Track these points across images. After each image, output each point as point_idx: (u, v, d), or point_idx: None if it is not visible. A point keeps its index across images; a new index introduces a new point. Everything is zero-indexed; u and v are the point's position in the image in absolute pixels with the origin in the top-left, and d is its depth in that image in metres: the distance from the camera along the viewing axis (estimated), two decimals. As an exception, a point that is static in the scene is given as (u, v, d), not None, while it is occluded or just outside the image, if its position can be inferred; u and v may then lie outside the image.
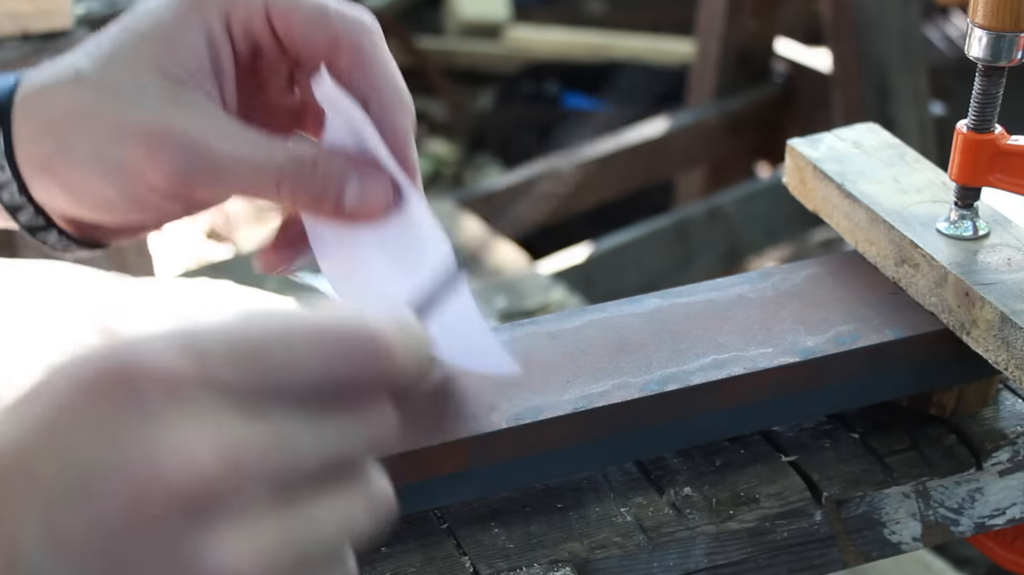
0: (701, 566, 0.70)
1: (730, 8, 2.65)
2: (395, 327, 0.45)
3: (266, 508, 0.42)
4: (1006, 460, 0.75)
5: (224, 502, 0.41)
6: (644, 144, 2.63)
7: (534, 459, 0.68)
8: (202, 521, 0.40)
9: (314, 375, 0.44)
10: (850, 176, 0.82)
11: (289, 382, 0.43)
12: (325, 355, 0.44)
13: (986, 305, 0.71)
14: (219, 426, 0.41)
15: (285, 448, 0.43)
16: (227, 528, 0.41)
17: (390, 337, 0.45)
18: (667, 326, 0.75)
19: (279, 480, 0.42)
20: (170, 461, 0.40)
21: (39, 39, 1.40)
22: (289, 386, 0.43)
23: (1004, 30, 0.72)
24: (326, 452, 0.44)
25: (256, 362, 0.43)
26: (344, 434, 0.45)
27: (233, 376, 0.42)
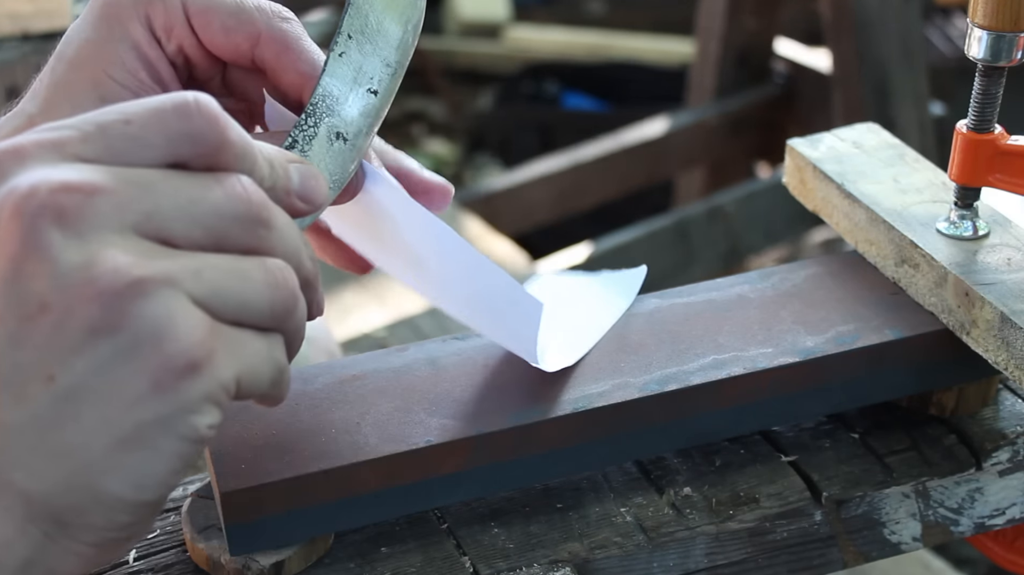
0: (701, 566, 0.70)
1: (730, 8, 2.66)
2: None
3: (135, 237, 0.47)
4: (1006, 460, 0.75)
5: (77, 215, 0.45)
6: (644, 144, 2.63)
7: (534, 459, 0.68)
8: (72, 226, 0.45)
9: (153, 133, 0.48)
10: (850, 176, 0.82)
11: (132, 142, 0.48)
12: (165, 124, 0.49)
13: (986, 305, 0.71)
14: (60, 168, 0.47)
15: (140, 187, 0.47)
16: (99, 240, 0.46)
17: (223, 116, 0.50)
18: (667, 326, 0.75)
19: (141, 214, 0.47)
20: (15, 192, 0.46)
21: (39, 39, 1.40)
22: (132, 146, 0.48)
23: (1004, 30, 0.72)
24: (188, 198, 0.48)
25: (100, 133, 0.48)
26: (202, 186, 0.49)
27: (81, 144, 0.47)
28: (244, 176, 0.50)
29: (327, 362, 0.72)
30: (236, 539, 0.63)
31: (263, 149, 0.52)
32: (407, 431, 0.66)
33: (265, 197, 0.50)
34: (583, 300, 0.76)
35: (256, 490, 0.62)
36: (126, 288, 0.45)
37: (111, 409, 0.46)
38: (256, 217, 0.50)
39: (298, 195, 0.54)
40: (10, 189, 0.46)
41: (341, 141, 0.62)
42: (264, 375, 0.50)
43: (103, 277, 0.45)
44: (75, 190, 0.46)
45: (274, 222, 0.50)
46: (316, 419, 0.67)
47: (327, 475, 0.64)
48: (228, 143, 0.50)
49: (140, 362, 0.46)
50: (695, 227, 2.50)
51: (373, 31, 0.64)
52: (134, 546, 0.67)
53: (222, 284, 0.48)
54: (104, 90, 0.64)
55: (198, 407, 0.47)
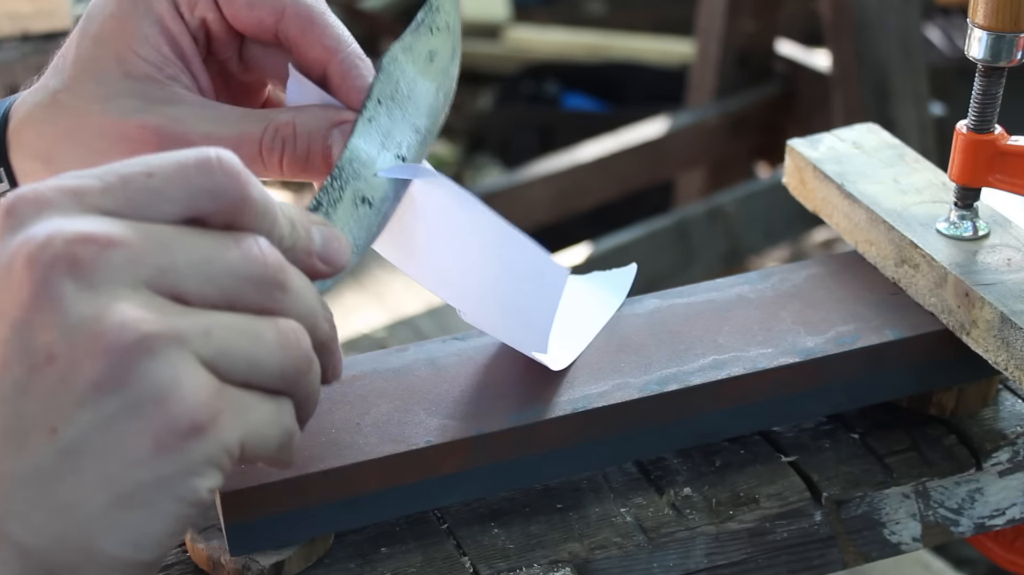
0: (701, 566, 0.70)
1: (730, 8, 2.66)
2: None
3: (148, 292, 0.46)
4: (1006, 460, 0.75)
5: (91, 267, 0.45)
6: (644, 144, 2.63)
7: (534, 459, 0.68)
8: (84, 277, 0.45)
9: (174, 187, 0.48)
10: (850, 176, 0.82)
11: (152, 196, 0.47)
12: (186, 178, 0.48)
13: (986, 305, 0.71)
14: (79, 219, 0.46)
15: (157, 242, 0.46)
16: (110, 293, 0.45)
17: (245, 173, 0.49)
18: (667, 326, 0.75)
19: (155, 270, 0.46)
20: (32, 241, 0.45)
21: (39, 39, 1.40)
22: (153, 200, 0.47)
23: (1004, 30, 0.72)
24: (203, 256, 0.47)
25: (122, 185, 0.47)
26: (218, 245, 0.48)
27: (101, 196, 0.47)
28: (262, 238, 0.49)
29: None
30: (236, 539, 0.63)
31: (285, 209, 0.51)
32: (407, 431, 0.66)
33: (282, 259, 0.50)
34: (575, 299, 0.76)
35: (256, 490, 0.62)
36: (133, 344, 0.45)
37: (112, 466, 0.45)
38: (271, 279, 0.49)
39: (320, 257, 0.53)
40: (27, 237, 0.45)
41: (367, 206, 0.61)
42: (271, 439, 0.49)
43: (111, 331, 0.44)
44: (91, 242, 0.45)
45: (290, 284, 0.49)
46: (316, 419, 0.67)
47: (327, 475, 0.64)
48: (249, 200, 0.49)
49: (143, 421, 0.45)
50: (695, 227, 2.49)
51: (403, 97, 0.63)
52: None
53: (232, 344, 0.47)
54: (129, 65, 0.64)
55: (200, 470, 0.46)
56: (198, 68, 0.66)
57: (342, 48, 0.64)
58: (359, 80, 0.64)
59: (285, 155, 0.64)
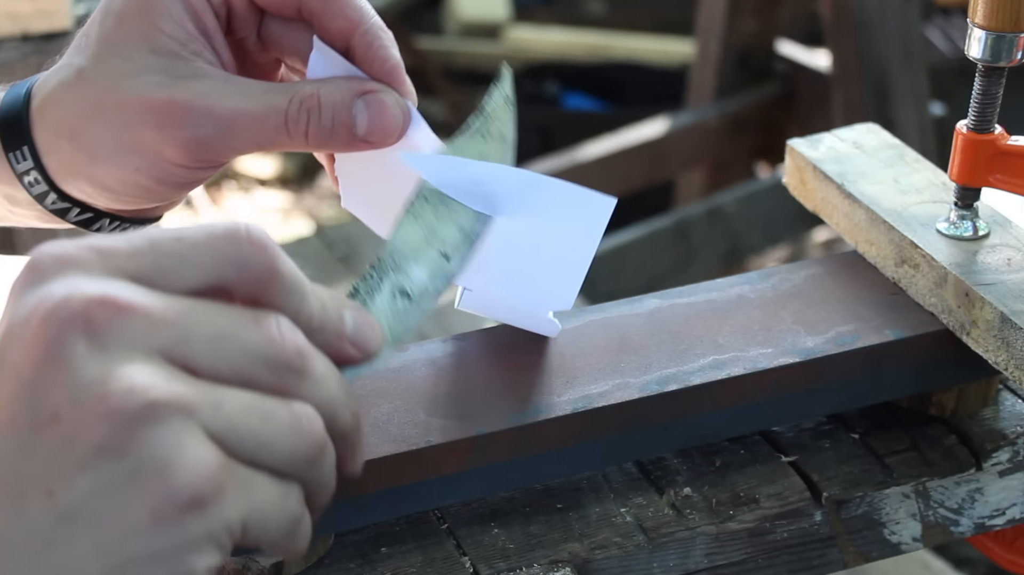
0: (701, 566, 0.70)
1: (730, 8, 2.65)
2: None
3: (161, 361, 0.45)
4: (1006, 460, 0.75)
5: (106, 330, 0.44)
6: (644, 144, 2.63)
7: (534, 459, 0.68)
8: (97, 339, 0.44)
9: (201, 254, 0.47)
10: (850, 176, 0.82)
11: (178, 261, 0.46)
12: (215, 246, 0.47)
13: (986, 305, 0.71)
14: (101, 281, 0.45)
15: (175, 312, 0.45)
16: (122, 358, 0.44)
17: (275, 247, 0.48)
18: (667, 326, 0.75)
19: (170, 340, 0.45)
20: (51, 298, 0.44)
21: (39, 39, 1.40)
22: (179, 265, 0.46)
23: (1004, 30, 0.72)
24: (219, 331, 0.46)
25: (150, 249, 0.46)
26: (237, 322, 0.46)
27: (127, 258, 0.46)
28: (284, 318, 0.48)
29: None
30: (236, 539, 0.63)
31: (316, 289, 0.50)
32: (407, 431, 0.66)
33: (303, 343, 0.48)
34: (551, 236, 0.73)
35: (256, 490, 0.62)
36: (139, 410, 0.43)
37: (107, 536, 0.43)
38: (287, 363, 0.47)
39: (351, 341, 0.51)
40: (46, 294, 0.44)
41: (406, 299, 0.59)
42: (275, 523, 0.47)
43: (117, 395, 0.43)
44: (108, 304, 0.44)
45: (309, 370, 0.48)
46: (316, 419, 0.67)
47: (327, 475, 0.64)
48: (277, 274, 0.48)
49: (142, 490, 0.43)
50: (695, 227, 2.49)
51: (449, 198, 0.62)
52: None
53: (242, 421, 0.45)
54: (154, 42, 0.65)
55: (198, 546, 0.44)
56: (220, 44, 0.67)
57: (365, 19, 0.65)
58: (382, 50, 0.65)
59: (310, 126, 0.64)
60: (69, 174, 0.68)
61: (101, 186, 0.67)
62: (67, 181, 0.68)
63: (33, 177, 0.68)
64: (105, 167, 0.66)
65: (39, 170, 0.68)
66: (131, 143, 0.65)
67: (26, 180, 0.68)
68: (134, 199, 0.68)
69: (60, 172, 0.68)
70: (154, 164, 0.65)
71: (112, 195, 0.68)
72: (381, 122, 0.65)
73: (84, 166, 0.67)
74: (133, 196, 0.68)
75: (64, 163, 0.67)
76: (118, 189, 0.67)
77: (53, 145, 0.67)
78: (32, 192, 0.69)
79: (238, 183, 3.34)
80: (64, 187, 0.68)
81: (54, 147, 0.67)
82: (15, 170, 0.68)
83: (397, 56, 0.65)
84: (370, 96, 0.64)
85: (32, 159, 0.68)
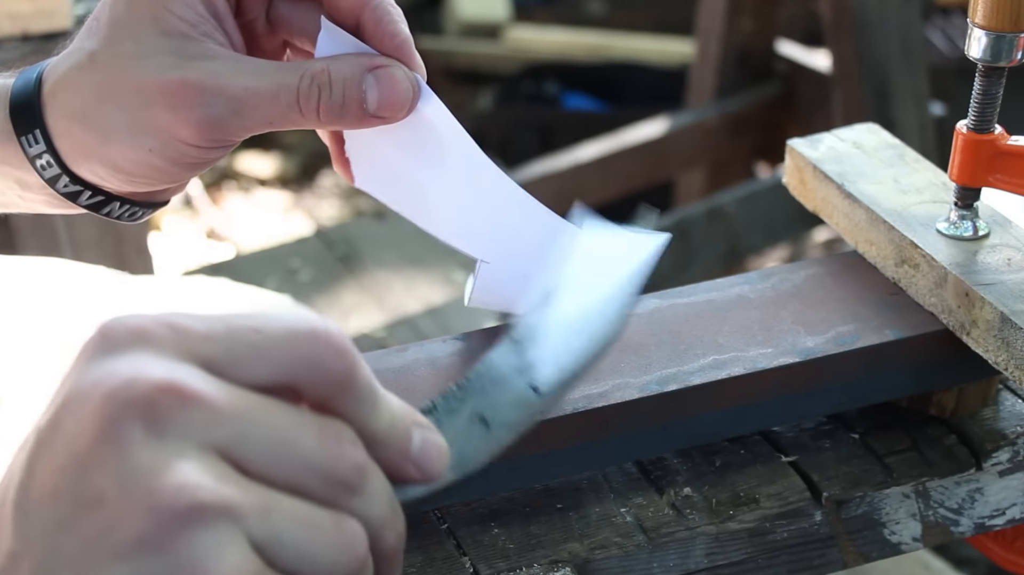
0: (701, 566, 0.70)
1: (730, 8, 2.65)
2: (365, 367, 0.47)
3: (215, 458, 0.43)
4: (1006, 460, 0.75)
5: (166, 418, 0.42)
6: (644, 144, 2.63)
7: (534, 459, 0.68)
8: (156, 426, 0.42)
9: (278, 349, 0.45)
10: (850, 176, 0.82)
11: (254, 352, 0.45)
12: (292, 343, 0.45)
13: (986, 305, 0.71)
14: (171, 364, 0.43)
15: (238, 409, 0.44)
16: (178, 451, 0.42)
17: (355, 353, 0.46)
18: (667, 326, 0.75)
19: (230, 437, 0.43)
20: (117, 375, 0.42)
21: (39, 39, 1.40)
22: (253, 357, 0.45)
23: (1004, 30, 0.72)
24: (281, 436, 0.44)
25: (226, 336, 0.45)
26: (300, 429, 0.45)
27: (202, 342, 0.44)
28: (349, 431, 0.46)
29: (327, 362, 0.72)
30: (236, 539, 0.63)
31: (389, 401, 0.48)
32: (407, 431, 0.66)
33: (364, 460, 0.46)
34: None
35: (256, 490, 0.62)
36: (186, 510, 0.41)
37: None
38: (342, 480, 0.45)
39: (414, 461, 0.49)
40: (112, 370, 0.43)
41: (483, 426, 0.56)
42: None
43: (165, 490, 0.41)
44: (174, 393, 0.42)
45: (365, 489, 0.46)
46: (316, 419, 0.67)
47: (327, 475, 0.64)
48: (353, 382, 0.46)
49: None
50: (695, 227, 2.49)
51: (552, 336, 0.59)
52: None
53: (287, 531, 0.43)
54: (165, 24, 0.65)
55: None
56: (231, 26, 0.67)
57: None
58: (392, 25, 0.65)
59: (321, 102, 0.65)
60: (82, 157, 0.68)
61: (114, 167, 0.67)
62: (80, 164, 0.68)
63: (45, 160, 0.68)
64: (118, 148, 0.66)
65: (51, 153, 0.68)
66: (144, 124, 0.65)
67: (38, 163, 0.68)
68: (147, 180, 0.69)
69: (72, 155, 0.68)
70: (167, 144, 0.66)
71: (125, 176, 0.68)
72: (391, 96, 0.65)
73: (97, 148, 0.67)
74: (146, 177, 0.68)
75: (77, 146, 0.68)
76: (131, 170, 0.67)
77: (65, 128, 0.67)
78: (44, 176, 0.69)
79: (238, 183, 3.34)
80: (76, 170, 0.68)
81: (66, 130, 0.67)
82: (27, 153, 0.68)
83: (407, 31, 0.66)
84: (380, 71, 0.65)
85: (44, 142, 0.68)
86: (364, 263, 2.01)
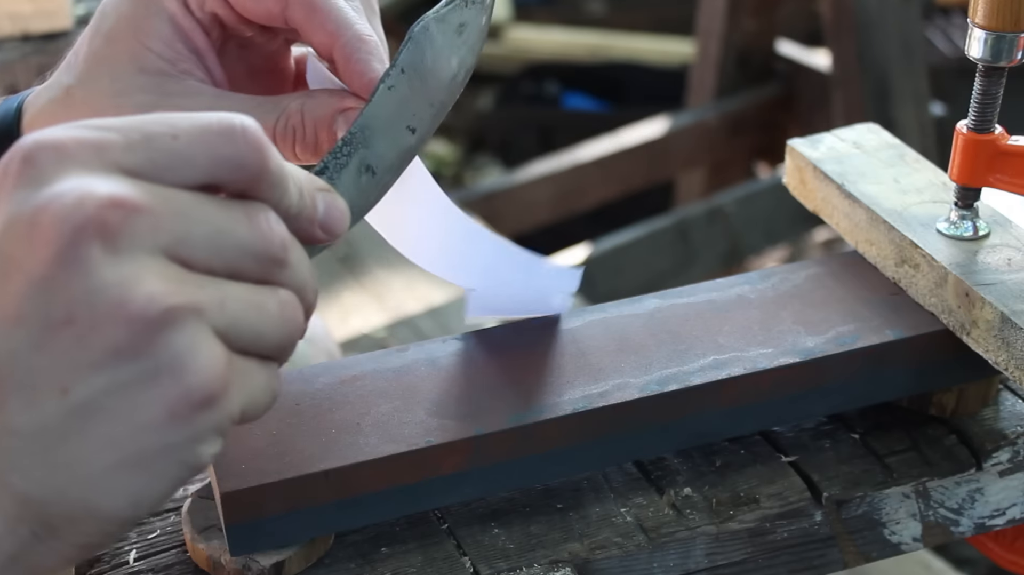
0: (701, 566, 0.70)
1: (730, 8, 2.66)
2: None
3: (164, 260, 0.46)
4: (1006, 460, 0.75)
5: (119, 233, 0.45)
6: (644, 144, 2.63)
7: (534, 459, 0.68)
8: (112, 243, 0.45)
9: (197, 152, 0.48)
10: (850, 176, 0.82)
11: (175, 158, 0.48)
12: (210, 144, 0.48)
13: (986, 305, 0.71)
14: (106, 179, 0.46)
15: (176, 210, 0.47)
16: (134, 261, 0.45)
17: (267, 143, 0.49)
18: (667, 326, 0.75)
19: (173, 238, 0.46)
20: (61, 200, 0.45)
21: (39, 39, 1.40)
22: (175, 163, 0.48)
23: (1004, 30, 0.72)
24: (216, 229, 0.48)
25: (145, 143, 0.47)
26: (231, 219, 0.48)
27: (124, 152, 0.47)
28: (272, 213, 0.50)
29: (327, 362, 0.72)
30: (236, 539, 0.63)
31: (295, 175, 0.52)
32: (407, 431, 0.66)
33: (287, 235, 0.50)
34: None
35: (256, 490, 0.62)
36: (158, 316, 0.45)
37: (120, 431, 0.46)
38: (274, 257, 0.50)
39: (320, 225, 0.54)
40: (56, 194, 0.45)
41: (369, 174, 0.61)
42: (263, 405, 0.50)
43: (136, 301, 0.45)
44: (119, 206, 0.45)
45: (290, 259, 0.50)
46: (316, 419, 0.67)
47: (327, 475, 0.64)
48: (267, 171, 0.50)
49: (159, 390, 0.46)
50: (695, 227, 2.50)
51: (426, 69, 0.63)
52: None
53: (241, 316, 0.48)
54: (143, 62, 0.65)
55: (206, 438, 0.47)
56: (212, 62, 0.67)
57: (343, 32, 0.65)
58: (359, 64, 0.65)
59: (296, 143, 0.66)
60: None
61: None
62: None
63: None
64: None
65: None
66: None
67: None
68: None
69: None
70: None
71: None
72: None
73: None
74: None
75: None
76: None
77: None
78: None
79: (238, 183, 3.34)
80: None
81: None
82: None
83: (376, 68, 0.65)
84: (348, 113, 0.66)
85: None
86: (364, 263, 2.01)
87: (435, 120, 0.65)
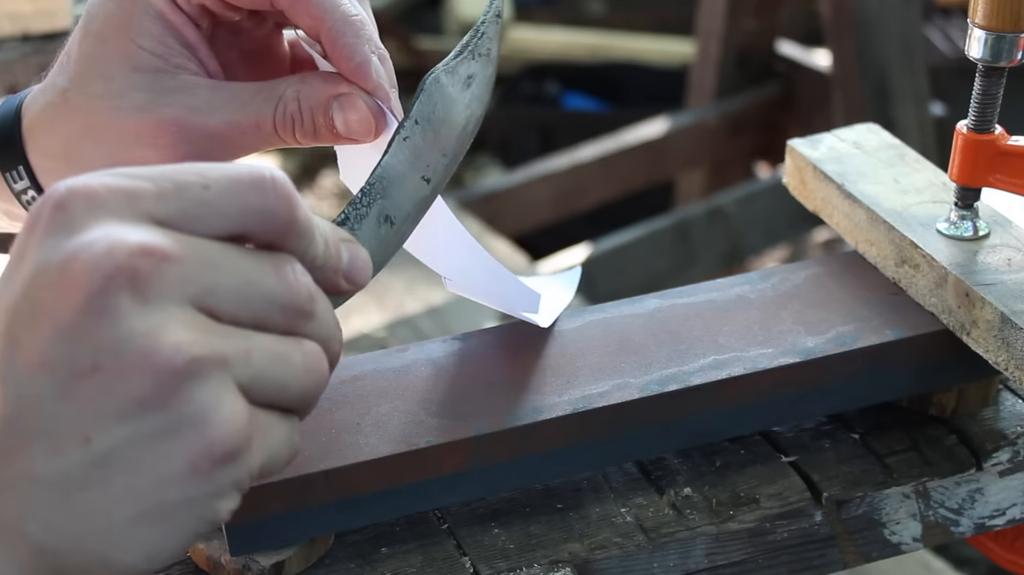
0: (701, 566, 0.70)
1: (730, 8, 2.66)
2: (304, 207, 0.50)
3: (192, 310, 0.46)
4: (1006, 461, 0.75)
5: (148, 282, 0.45)
6: (644, 144, 2.63)
7: (534, 459, 0.68)
8: (141, 292, 0.45)
9: (228, 203, 0.48)
10: (850, 176, 0.82)
11: (206, 209, 0.48)
12: (241, 195, 0.48)
13: (986, 305, 0.71)
14: (136, 228, 0.46)
15: (205, 260, 0.47)
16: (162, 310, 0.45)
17: (296, 195, 0.50)
18: (667, 326, 0.75)
19: (201, 288, 0.46)
20: (92, 248, 0.45)
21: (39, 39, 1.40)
22: (206, 213, 0.47)
23: (1004, 30, 0.72)
24: (245, 280, 0.48)
25: (177, 193, 0.47)
26: (259, 270, 0.48)
27: (155, 202, 0.47)
28: (298, 264, 0.50)
29: (327, 362, 0.72)
30: (236, 539, 0.63)
31: (321, 226, 0.52)
32: (407, 431, 0.66)
33: (313, 287, 0.50)
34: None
35: (256, 490, 0.62)
36: (183, 367, 0.45)
37: (141, 482, 0.46)
38: (301, 308, 0.49)
39: (345, 276, 0.54)
40: (87, 243, 0.45)
41: (388, 225, 0.62)
42: (283, 460, 0.50)
43: (162, 351, 0.45)
44: (150, 255, 0.45)
45: (316, 311, 0.50)
46: (316, 420, 0.67)
47: (327, 475, 0.64)
48: (295, 223, 0.49)
49: (181, 443, 0.45)
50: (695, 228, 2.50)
51: (438, 120, 0.64)
52: None
53: (266, 368, 0.48)
54: (136, 60, 0.65)
55: (226, 493, 0.47)
56: (205, 54, 0.67)
57: (328, 15, 0.65)
58: (346, 48, 0.65)
59: (296, 129, 0.66)
60: None
61: None
62: None
63: (31, 196, 0.68)
64: None
65: (36, 189, 0.68)
66: (130, 161, 0.65)
67: (24, 199, 0.68)
68: None
69: None
70: None
71: None
72: (356, 124, 0.66)
73: None
74: None
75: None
76: None
77: (49, 166, 0.67)
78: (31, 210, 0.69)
79: (238, 183, 3.34)
80: None
81: (50, 168, 0.67)
82: (12, 189, 0.68)
83: (364, 52, 0.65)
84: (343, 98, 0.65)
85: (28, 178, 0.68)
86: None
87: (448, 170, 0.65)
